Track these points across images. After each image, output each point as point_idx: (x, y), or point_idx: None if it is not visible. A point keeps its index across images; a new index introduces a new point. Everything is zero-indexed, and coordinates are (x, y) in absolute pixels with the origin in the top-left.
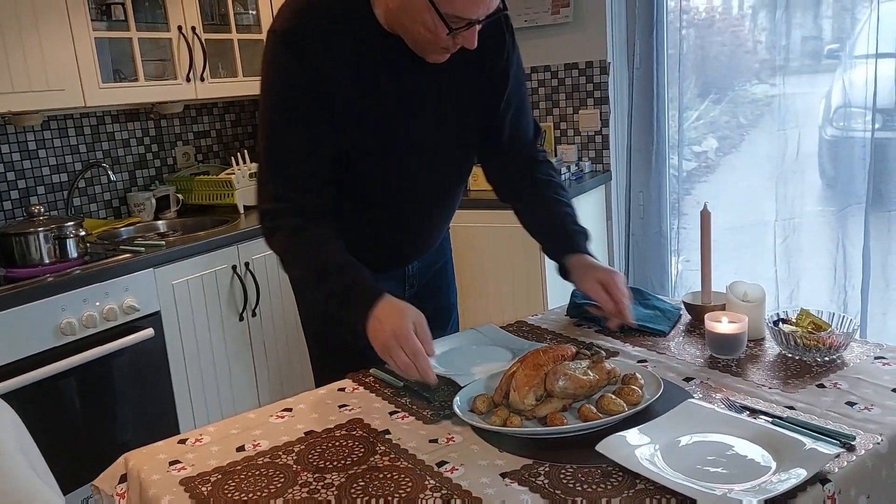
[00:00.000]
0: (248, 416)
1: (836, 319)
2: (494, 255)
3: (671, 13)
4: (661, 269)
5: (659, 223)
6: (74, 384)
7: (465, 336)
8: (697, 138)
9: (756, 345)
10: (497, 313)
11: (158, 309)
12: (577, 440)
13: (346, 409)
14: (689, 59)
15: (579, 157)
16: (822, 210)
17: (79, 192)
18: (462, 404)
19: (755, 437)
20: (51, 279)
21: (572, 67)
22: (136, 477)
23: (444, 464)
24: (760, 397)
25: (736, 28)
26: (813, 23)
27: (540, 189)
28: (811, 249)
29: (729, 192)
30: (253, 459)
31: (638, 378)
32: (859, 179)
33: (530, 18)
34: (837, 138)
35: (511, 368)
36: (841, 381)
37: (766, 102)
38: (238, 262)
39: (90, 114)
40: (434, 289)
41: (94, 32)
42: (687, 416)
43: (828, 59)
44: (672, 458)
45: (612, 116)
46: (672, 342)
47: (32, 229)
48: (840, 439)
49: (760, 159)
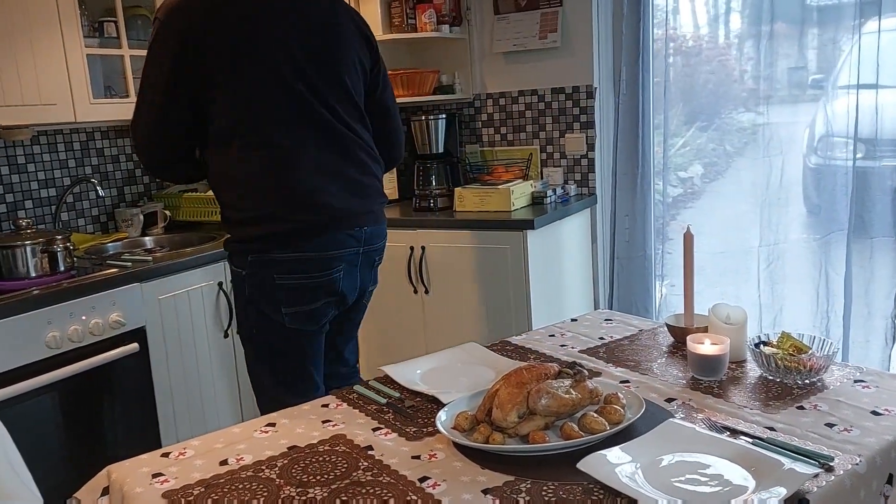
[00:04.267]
0: (232, 430)
1: (816, 342)
2: (479, 274)
3: (658, 41)
4: (646, 293)
5: (644, 247)
6: (59, 397)
7: (449, 354)
8: (683, 164)
9: (738, 367)
10: (481, 332)
11: (144, 324)
12: (559, 458)
13: (330, 424)
14: (675, 86)
15: (565, 181)
16: (805, 237)
17: (67, 206)
18: (445, 421)
19: (735, 456)
20: (37, 292)
21: (559, 92)
22: (118, 490)
23: (426, 479)
24: (741, 418)
25: (723, 57)
26: (798, 53)
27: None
28: (795, 275)
29: (714, 217)
30: (236, 473)
31: (620, 398)
32: (842, 207)
33: (519, 43)
34: (821, 166)
35: (494, 386)
36: (821, 402)
37: (752, 130)
38: (224, 279)
39: (80, 129)
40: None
41: (86, 49)
42: (668, 435)
43: (812, 89)
44: (653, 476)
45: (597, 141)
46: (654, 363)
47: (20, 242)
48: (819, 460)
49: (745, 186)
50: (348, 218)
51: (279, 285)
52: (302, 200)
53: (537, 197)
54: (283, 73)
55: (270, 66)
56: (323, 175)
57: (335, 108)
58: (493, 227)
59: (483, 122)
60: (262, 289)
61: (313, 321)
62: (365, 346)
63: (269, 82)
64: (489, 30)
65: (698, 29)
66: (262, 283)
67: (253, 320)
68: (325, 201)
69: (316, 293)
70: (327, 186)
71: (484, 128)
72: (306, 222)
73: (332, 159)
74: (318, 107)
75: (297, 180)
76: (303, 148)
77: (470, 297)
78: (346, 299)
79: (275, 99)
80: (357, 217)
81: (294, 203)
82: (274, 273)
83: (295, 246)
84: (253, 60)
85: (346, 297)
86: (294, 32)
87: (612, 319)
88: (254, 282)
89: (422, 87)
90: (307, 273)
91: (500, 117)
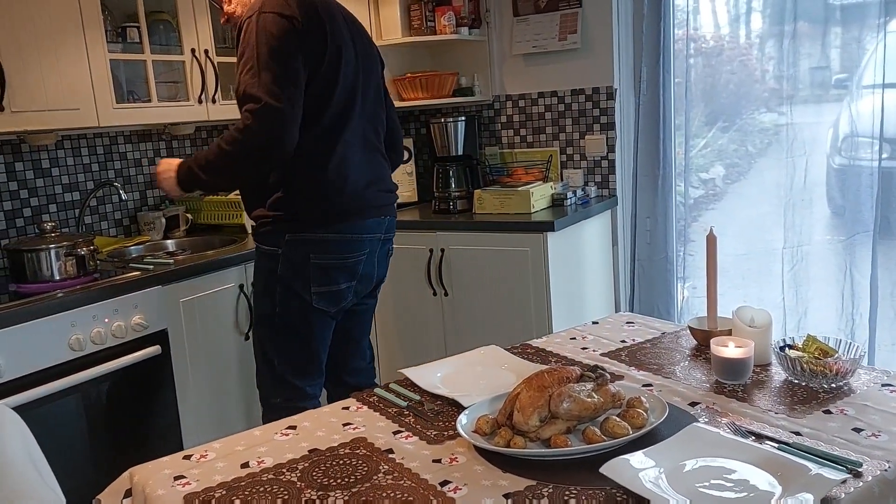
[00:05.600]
0: (253, 433)
1: (842, 346)
2: (499, 276)
3: (678, 41)
4: (668, 295)
5: (665, 249)
6: (82, 399)
7: (470, 357)
8: (705, 165)
9: (762, 370)
10: (501, 335)
11: (166, 327)
12: (581, 462)
13: (351, 427)
14: (696, 86)
15: (585, 182)
16: (829, 238)
17: (90, 210)
18: (466, 424)
19: (761, 461)
20: (61, 295)
21: (579, 93)
22: (140, 492)
23: (447, 483)
24: (766, 422)
25: (744, 57)
26: (821, 53)
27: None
28: (819, 277)
29: (736, 219)
30: (257, 476)
31: (643, 401)
32: (867, 208)
33: (538, 44)
34: (845, 167)
35: (515, 390)
36: (848, 407)
37: (774, 131)
38: (245, 282)
39: (103, 134)
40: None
41: (109, 54)
42: (692, 439)
43: (836, 88)
44: (677, 481)
45: (618, 142)
46: (677, 367)
47: (44, 246)
48: (846, 465)
49: (768, 187)
50: (378, 207)
51: (313, 264)
52: (346, 188)
53: (557, 199)
54: (353, 78)
55: (346, 70)
56: (364, 168)
57: (372, 114)
58: (513, 229)
59: (502, 124)
60: (295, 266)
61: (335, 302)
62: (385, 348)
63: (345, 84)
64: (508, 32)
65: (719, 29)
66: (297, 262)
67: (279, 298)
68: (364, 189)
69: (342, 274)
70: (366, 177)
71: (503, 130)
72: (347, 206)
73: (369, 156)
74: (366, 110)
75: (346, 172)
76: (355, 144)
77: (490, 299)
78: (364, 283)
79: (344, 98)
80: (384, 207)
81: (339, 190)
82: (310, 252)
83: (335, 227)
84: (339, 62)
85: (364, 280)
86: (354, 45)
87: (633, 322)
88: (289, 259)
89: (441, 89)
90: (339, 254)
91: (520, 119)
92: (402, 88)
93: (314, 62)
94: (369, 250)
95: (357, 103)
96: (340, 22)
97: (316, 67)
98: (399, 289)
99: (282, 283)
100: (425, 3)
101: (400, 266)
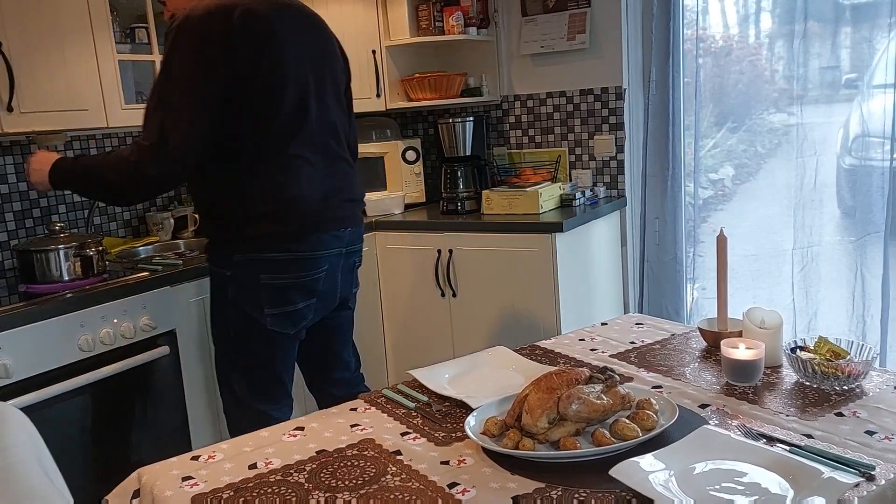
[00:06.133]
0: (261, 433)
1: (854, 347)
2: (507, 277)
3: (688, 41)
4: (677, 297)
5: (674, 250)
6: (90, 400)
7: (478, 358)
8: (714, 166)
9: (773, 372)
10: (510, 336)
11: (175, 327)
12: (591, 465)
13: (358, 428)
14: (705, 87)
15: (594, 183)
16: (840, 239)
17: (99, 211)
18: (474, 426)
19: (772, 464)
20: (70, 296)
21: (588, 93)
22: (148, 492)
23: (455, 485)
24: (778, 425)
25: (753, 57)
26: (830, 53)
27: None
28: (829, 279)
29: (746, 220)
30: (265, 477)
31: (652, 403)
32: (878, 208)
33: (546, 44)
34: (856, 167)
35: (524, 391)
36: (860, 409)
37: (783, 131)
38: None
39: (112, 134)
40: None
41: (118, 55)
42: (702, 442)
43: (846, 88)
44: (687, 484)
45: (627, 142)
46: (687, 368)
47: (53, 246)
48: (859, 469)
49: (778, 188)
50: (336, 220)
51: (264, 285)
52: (297, 204)
53: (566, 199)
54: (303, 85)
55: (293, 78)
56: (320, 180)
57: (333, 122)
58: (522, 229)
59: (511, 125)
60: (246, 289)
61: (293, 323)
62: (393, 349)
63: (285, 96)
64: (517, 32)
65: (728, 29)
66: (247, 284)
67: (232, 322)
68: (320, 203)
69: (298, 293)
70: (322, 190)
71: (512, 130)
72: (298, 224)
73: (329, 165)
74: (325, 117)
75: (296, 186)
76: (309, 155)
77: (498, 300)
78: (325, 302)
79: (287, 112)
80: (345, 219)
81: (290, 206)
82: (260, 273)
83: (285, 246)
84: (275, 75)
85: (325, 298)
86: (306, 48)
87: (642, 323)
88: (238, 282)
89: (449, 89)
90: (293, 273)
91: (528, 119)
92: (410, 89)
93: (247, 74)
94: (328, 267)
95: (311, 111)
96: (285, 24)
97: (249, 81)
98: (407, 289)
99: (234, 306)
100: (433, 3)
101: (408, 266)
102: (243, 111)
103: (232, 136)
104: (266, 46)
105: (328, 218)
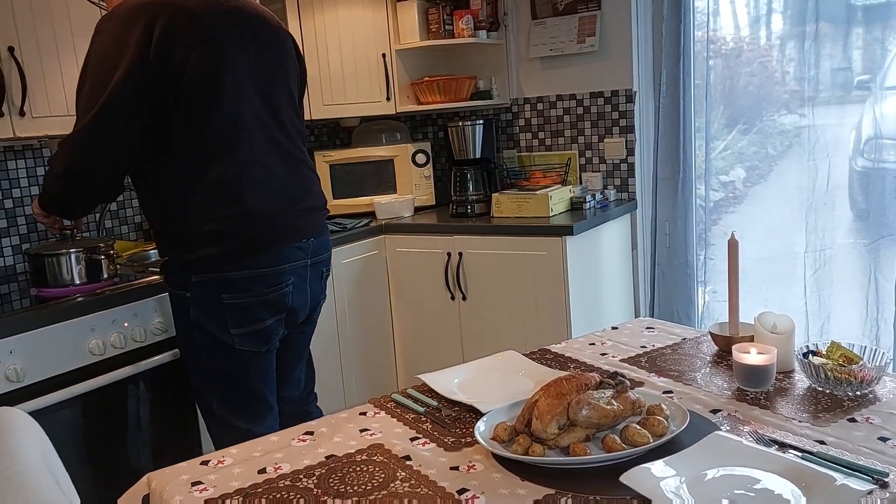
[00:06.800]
0: (270, 438)
1: (867, 352)
2: (517, 281)
3: (698, 43)
4: (688, 300)
5: (685, 253)
6: (101, 403)
7: (487, 362)
8: (725, 168)
9: (785, 377)
10: (519, 340)
11: None
12: (601, 471)
13: (368, 433)
14: (716, 88)
15: (605, 186)
16: (853, 242)
17: (110, 214)
18: (484, 431)
19: (784, 471)
20: (81, 299)
21: (598, 96)
22: (158, 497)
23: (464, 491)
24: (790, 431)
25: (764, 59)
26: (842, 54)
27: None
28: (842, 282)
29: (757, 222)
30: (274, 482)
31: (663, 409)
32: (891, 211)
33: (556, 47)
34: (868, 169)
35: (534, 396)
36: (873, 415)
37: (795, 133)
38: None
39: None
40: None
41: None
42: (714, 448)
43: (858, 90)
44: (698, 491)
45: (637, 145)
46: (698, 373)
47: (64, 250)
48: (872, 475)
49: (790, 190)
50: (296, 231)
51: (227, 305)
52: (252, 217)
53: (576, 202)
54: (244, 89)
55: (233, 83)
56: (272, 190)
57: (286, 124)
58: (532, 232)
59: (521, 128)
60: (209, 310)
61: (264, 341)
62: (402, 352)
63: (231, 99)
64: (526, 35)
65: (739, 30)
66: (209, 305)
67: (200, 343)
68: (274, 216)
69: (265, 311)
70: (280, 200)
71: (521, 133)
72: (256, 238)
73: (281, 173)
74: (272, 122)
75: (249, 197)
76: (256, 164)
77: (508, 304)
78: (296, 315)
79: (235, 116)
80: (304, 229)
81: (244, 220)
82: (222, 293)
83: (246, 263)
84: (217, 77)
85: (296, 312)
86: (253, 49)
87: (653, 327)
88: (200, 303)
89: (459, 92)
90: (257, 290)
91: (538, 122)
92: (420, 92)
93: (174, 79)
94: (294, 279)
95: (259, 113)
96: (222, 23)
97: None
98: (416, 293)
99: (198, 328)
100: (443, 6)
101: (417, 270)
102: (179, 109)
103: (166, 138)
104: (197, 42)
105: (289, 229)
